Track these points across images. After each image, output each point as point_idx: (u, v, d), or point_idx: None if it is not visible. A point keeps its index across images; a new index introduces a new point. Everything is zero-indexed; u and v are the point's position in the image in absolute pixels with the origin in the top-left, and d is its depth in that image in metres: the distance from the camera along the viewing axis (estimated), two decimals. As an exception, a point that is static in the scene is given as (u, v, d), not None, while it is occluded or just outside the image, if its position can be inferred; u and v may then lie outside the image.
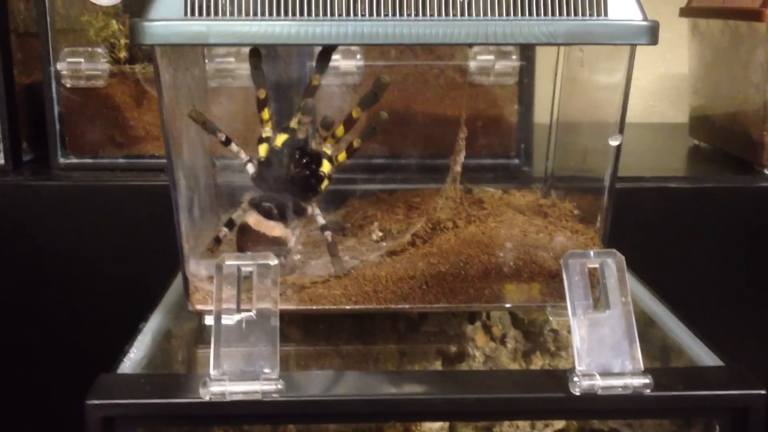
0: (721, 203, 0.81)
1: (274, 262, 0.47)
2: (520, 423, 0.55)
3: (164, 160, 0.54)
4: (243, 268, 0.47)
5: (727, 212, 0.81)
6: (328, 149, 0.54)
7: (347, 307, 0.53)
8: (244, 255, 0.47)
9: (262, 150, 0.54)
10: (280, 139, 0.54)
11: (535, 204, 0.61)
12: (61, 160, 0.83)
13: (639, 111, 1.11)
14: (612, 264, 0.46)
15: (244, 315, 0.46)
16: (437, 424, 0.54)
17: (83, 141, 0.83)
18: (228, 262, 0.46)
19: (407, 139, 0.83)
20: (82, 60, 0.82)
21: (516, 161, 0.84)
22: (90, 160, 0.83)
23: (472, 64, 0.82)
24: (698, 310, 0.62)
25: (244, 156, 0.54)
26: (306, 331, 0.56)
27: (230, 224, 0.55)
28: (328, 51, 0.54)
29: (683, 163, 0.94)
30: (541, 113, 0.76)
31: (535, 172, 0.82)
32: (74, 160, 0.83)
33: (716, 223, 0.81)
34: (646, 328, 0.57)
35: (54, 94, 0.82)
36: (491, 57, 0.82)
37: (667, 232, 0.81)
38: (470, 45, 0.59)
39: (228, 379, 0.43)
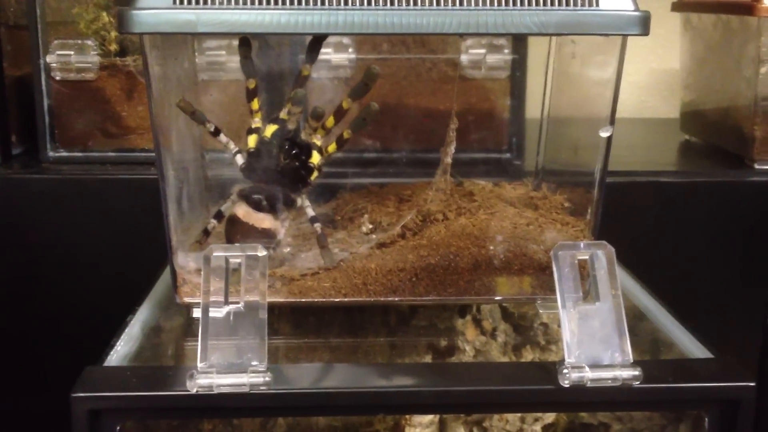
0: (712, 198, 0.81)
1: (262, 253, 0.46)
2: (510, 417, 0.55)
3: (154, 154, 0.53)
4: (231, 260, 0.47)
5: (718, 207, 0.81)
6: (318, 140, 0.54)
7: (337, 300, 0.53)
8: (233, 246, 0.47)
9: (252, 141, 0.54)
10: (270, 129, 0.54)
11: (525, 197, 0.61)
12: (51, 154, 0.82)
13: (630, 106, 1.11)
14: (602, 256, 0.46)
15: (232, 307, 0.45)
16: (427, 419, 0.53)
17: (73, 134, 0.83)
18: (216, 254, 0.46)
19: (398, 133, 0.82)
20: (73, 52, 0.81)
21: (507, 155, 0.84)
22: (80, 154, 0.83)
23: (464, 58, 0.81)
24: (689, 304, 0.62)
25: (233, 147, 0.54)
26: (295, 324, 0.56)
27: (219, 216, 0.55)
28: (318, 40, 0.53)
29: (675, 158, 0.94)
30: (534, 107, 0.76)
31: (527, 165, 0.82)
32: (64, 154, 0.82)
33: (707, 217, 0.81)
34: (636, 321, 0.57)
35: (44, 87, 0.82)
36: (483, 50, 0.82)
37: (658, 226, 0.81)
38: (461, 35, 0.59)
39: (215, 372, 0.43)
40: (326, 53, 0.80)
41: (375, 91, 0.53)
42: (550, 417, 0.56)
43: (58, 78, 0.81)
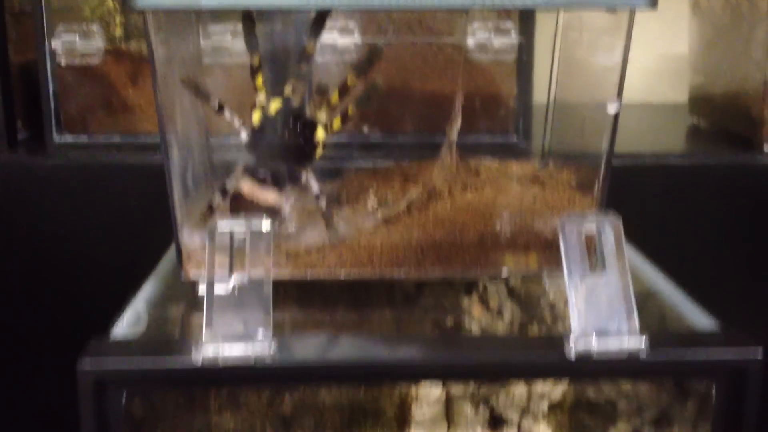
0: (721, 180, 0.80)
1: (267, 227, 0.46)
2: (517, 395, 0.55)
3: (159, 131, 0.53)
4: (236, 234, 0.47)
5: (726, 189, 0.80)
6: (322, 117, 0.54)
7: (342, 276, 0.52)
8: (238, 220, 0.47)
9: (256, 117, 0.54)
10: (274, 106, 0.54)
11: (532, 174, 0.60)
12: (56, 139, 0.82)
13: (638, 91, 1.10)
14: (609, 226, 0.46)
15: (237, 281, 0.45)
16: (433, 396, 0.53)
17: (78, 119, 0.83)
18: (221, 228, 0.46)
19: (404, 118, 0.82)
20: (77, 38, 0.81)
21: (514, 139, 0.83)
22: (85, 139, 0.83)
23: (470, 41, 0.81)
24: (697, 288, 0.62)
25: (237, 123, 0.54)
26: (299, 301, 0.56)
27: (224, 191, 0.54)
28: (322, 16, 0.53)
29: (683, 142, 0.93)
30: (540, 92, 0.76)
31: (534, 149, 0.81)
32: (69, 139, 0.83)
33: (716, 200, 0.80)
34: (643, 296, 0.56)
35: (49, 73, 0.82)
36: (489, 33, 0.81)
37: (666, 209, 0.80)
38: (467, 10, 0.58)
39: (221, 341, 0.43)
40: (331, 38, 0.80)
41: (380, 75, 0.53)
42: (556, 395, 0.56)
43: (63, 63, 0.81)
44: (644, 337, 0.43)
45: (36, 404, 0.82)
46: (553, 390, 0.56)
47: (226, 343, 0.43)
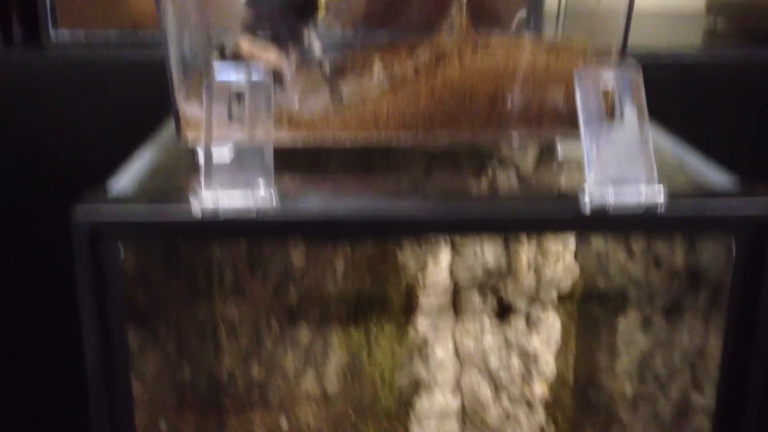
0: (739, 77, 0.78)
1: (268, 78, 0.44)
2: (526, 285, 0.53)
3: (158, 37, 0.50)
4: (235, 89, 0.44)
5: (744, 86, 0.78)
6: (325, -27, 0.51)
7: (346, 142, 0.50)
8: (236, 65, 0.44)
9: (256, -28, 0.51)
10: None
11: (546, 44, 0.58)
12: (53, 35, 0.80)
13: (652, 1, 1.07)
14: (628, 75, 0.43)
15: (237, 136, 0.43)
16: (441, 287, 0.52)
17: (75, 15, 0.80)
18: (218, 72, 0.44)
19: (409, 16, 0.79)
20: (73, -70, 0.79)
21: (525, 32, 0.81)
22: (82, 35, 0.81)
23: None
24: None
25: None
26: (303, 169, 0.54)
27: (222, 50, 0.52)
28: None
29: (699, 42, 0.91)
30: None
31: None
32: (66, 35, 0.81)
33: (734, 98, 0.78)
34: (663, 160, 0.54)
35: (43, -33, 0.79)
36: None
37: (683, 108, 0.78)
38: None
39: (222, 192, 0.41)
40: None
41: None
42: (566, 284, 0.54)
43: (58, -43, 0.79)
44: (662, 186, 0.41)
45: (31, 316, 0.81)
46: (563, 279, 0.55)
47: (226, 192, 0.41)
